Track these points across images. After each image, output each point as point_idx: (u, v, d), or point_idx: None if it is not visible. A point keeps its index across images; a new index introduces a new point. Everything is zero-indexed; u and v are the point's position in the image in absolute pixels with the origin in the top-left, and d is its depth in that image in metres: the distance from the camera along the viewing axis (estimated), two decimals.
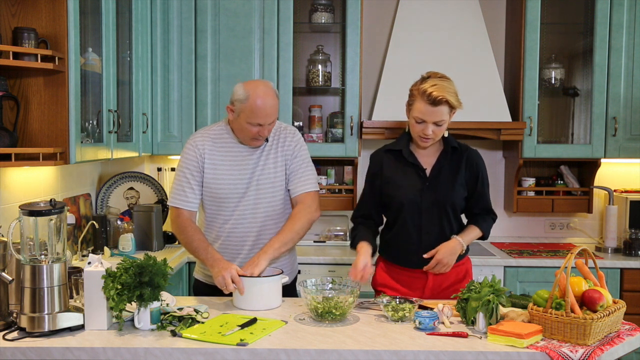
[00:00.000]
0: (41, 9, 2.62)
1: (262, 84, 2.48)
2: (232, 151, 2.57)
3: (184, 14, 3.75)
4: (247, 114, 2.43)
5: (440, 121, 2.45)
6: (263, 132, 2.47)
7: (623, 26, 3.77)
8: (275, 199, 2.59)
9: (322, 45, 4.02)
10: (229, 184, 2.54)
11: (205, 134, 2.60)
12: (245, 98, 2.43)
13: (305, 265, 3.58)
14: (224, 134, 2.59)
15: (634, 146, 3.83)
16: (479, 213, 2.63)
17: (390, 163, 2.60)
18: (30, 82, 2.64)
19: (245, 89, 2.44)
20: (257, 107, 2.41)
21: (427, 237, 2.54)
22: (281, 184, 2.60)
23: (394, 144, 2.63)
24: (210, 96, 3.79)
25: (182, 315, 2.16)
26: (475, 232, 2.60)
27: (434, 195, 2.52)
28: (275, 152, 2.59)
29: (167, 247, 3.69)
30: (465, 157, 2.57)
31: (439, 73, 2.52)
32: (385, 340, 2.00)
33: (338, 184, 4.11)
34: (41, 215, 2.02)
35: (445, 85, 2.45)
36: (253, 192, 2.55)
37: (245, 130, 2.47)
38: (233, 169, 2.55)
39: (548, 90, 4.01)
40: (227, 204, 2.56)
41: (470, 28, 3.89)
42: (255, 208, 2.56)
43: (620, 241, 3.86)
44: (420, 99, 2.44)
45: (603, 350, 1.91)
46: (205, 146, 2.56)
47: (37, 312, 2.00)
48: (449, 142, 2.57)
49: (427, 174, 2.55)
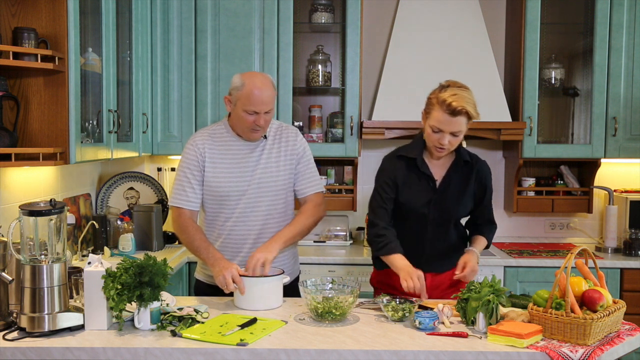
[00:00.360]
0: (41, 9, 2.62)
1: (260, 74, 2.55)
2: (232, 149, 2.57)
3: (184, 14, 3.75)
4: (243, 101, 2.44)
5: (457, 132, 2.39)
6: (259, 121, 2.46)
7: (623, 26, 3.77)
8: (277, 197, 2.59)
9: (322, 45, 4.02)
10: (230, 182, 2.54)
11: (205, 133, 2.61)
12: (241, 85, 2.46)
13: (305, 265, 3.58)
14: (224, 133, 2.59)
15: (634, 146, 3.83)
16: (482, 224, 2.65)
17: (403, 170, 2.54)
18: (30, 82, 2.64)
19: (242, 78, 2.48)
20: (253, 93, 2.43)
21: (430, 246, 2.55)
22: (283, 183, 2.60)
23: (408, 151, 2.55)
24: (210, 96, 3.79)
25: (182, 315, 2.16)
26: (484, 242, 2.64)
27: (441, 208, 2.51)
28: (277, 151, 2.60)
29: (167, 247, 3.69)
30: (475, 171, 2.55)
31: (458, 82, 2.44)
32: (385, 340, 2.00)
33: (338, 184, 4.11)
34: (41, 215, 2.02)
35: (465, 95, 2.38)
36: (254, 191, 2.55)
37: (242, 119, 2.47)
38: (233, 167, 2.55)
39: (548, 90, 4.01)
40: (228, 202, 2.56)
41: (470, 28, 3.89)
42: (256, 206, 2.56)
43: (620, 241, 3.86)
44: (439, 108, 2.37)
45: (603, 350, 1.91)
46: (205, 145, 2.56)
47: (37, 312, 2.00)
48: (462, 156, 2.53)
49: (437, 185, 2.52)
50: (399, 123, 3.72)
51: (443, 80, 2.46)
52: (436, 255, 2.56)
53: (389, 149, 2.85)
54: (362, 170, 4.12)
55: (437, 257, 2.57)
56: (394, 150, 2.63)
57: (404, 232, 2.56)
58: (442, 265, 2.58)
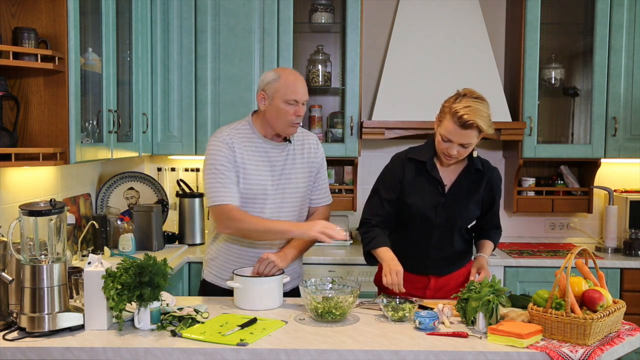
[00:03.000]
0: (41, 9, 2.62)
1: (289, 68, 2.63)
2: (260, 150, 2.50)
3: (184, 14, 3.75)
4: (283, 91, 2.42)
5: (466, 144, 2.35)
6: (300, 111, 2.43)
7: (623, 26, 3.77)
8: (297, 202, 2.56)
9: (322, 45, 4.02)
10: (258, 184, 2.47)
11: (231, 131, 2.50)
12: (277, 77, 2.44)
13: (305, 265, 3.56)
14: (249, 133, 2.52)
15: (634, 146, 3.83)
16: (490, 229, 2.66)
17: (411, 172, 2.51)
18: (30, 82, 2.64)
19: (275, 71, 2.48)
20: (291, 81, 2.43)
21: (435, 251, 2.54)
22: (304, 190, 2.58)
23: (419, 153, 2.52)
24: (210, 96, 3.79)
25: (182, 315, 2.16)
26: (491, 247, 2.65)
27: (448, 213, 2.50)
28: (301, 157, 2.57)
29: (167, 247, 3.69)
30: (486, 178, 2.53)
31: (475, 92, 2.37)
32: (385, 340, 2.00)
33: (338, 184, 4.11)
34: (41, 215, 2.02)
35: (479, 108, 2.32)
36: (279, 194, 2.50)
37: (282, 112, 2.42)
38: (261, 168, 2.48)
39: (548, 90, 4.01)
40: (254, 204, 2.47)
41: (470, 28, 3.89)
42: (281, 210, 2.51)
43: (620, 241, 3.86)
44: (451, 119, 2.32)
45: (603, 350, 1.91)
46: (235, 142, 2.47)
47: (37, 312, 2.00)
48: (474, 164, 2.51)
49: (446, 190, 2.50)
50: (399, 123, 3.71)
51: (461, 89, 2.40)
52: (441, 259, 2.56)
53: (389, 149, 2.87)
54: (362, 170, 4.12)
55: (442, 261, 2.56)
56: (404, 151, 2.59)
57: (410, 236, 2.55)
58: (447, 269, 2.58)
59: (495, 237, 2.67)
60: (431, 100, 2.52)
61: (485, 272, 2.50)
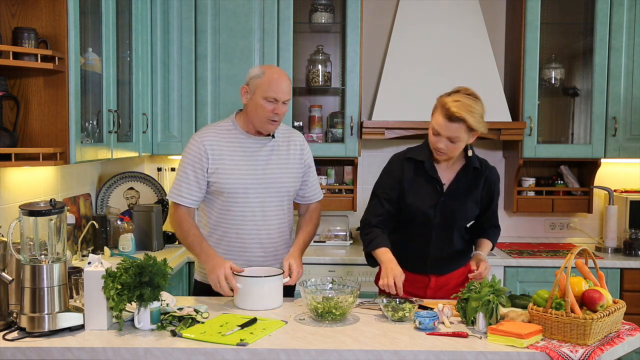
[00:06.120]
0: (41, 9, 2.62)
1: (276, 67, 2.69)
2: (241, 145, 2.56)
3: (184, 14, 3.75)
4: (264, 88, 2.46)
5: (454, 138, 2.37)
6: (278, 110, 2.48)
7: (623, 26, 3.77)
8: (283, 198, 2.59)
9: (322, 45, 4.02)
10: (238, 178, 2.52)
11: (210, 129, 2.60)
12: (261, 74, 2.49)
13: (305, 265, 3.55)
14: (231, 129, 2.58)
15: (634, 146, 3.83)
16: (488, 228, 2.67)
17: (410, 171, 2.53)
18: (30, 82, 2.64)
19: (261, 68, 2.54)
20: (274, 79, 2.47)
21: (434, 250, 2.54)
22: (291, 186, 2.61)
23: (417, 153, 2.54)
24: (210, 96, 3.79)
25: (182, 315, 2.16)
26: (489, 245, 2.66)
27: (447, 212, 2.50)
28: (286, 153, 2.61)
29: (167, 247, 3.69)
30: (484, 177, 2.55)
31: (469, 89, 2.41)
32: (385, 340, 2.00)
33: (338, 184, 4.11)
34: (41, 215, 2.02)
35: (469, 104, 2.34)
36: (263, 189, 2.54)
37: (260, 108, 2.47)
38: (242, 163, 2.53)
39: (548, 90, 4.01)
40: (236, 199, 2.53)
41: (470, 28, 3.89)
42: (264, 205, 2.55)
43: (620, 241, 3.86)
44: (439, 111, 2.38)
45: (603, 350, 1.91)
46: (211, 140, 2.54)
47: (37, 312, 2.00)
48: (472, 162, 2.52)
49: (445, 189, 2.51)
50: (399, 123, 3.71)
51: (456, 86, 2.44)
52: (441, 258, 2.56)
53: (389, 149, 2.86)
54: (362, 170, 4.12)
55: (442, 260, 2.56)
56: (402, 151, 2.60)
57: (409, 235, 2.56)
58: (447, 268, 2.59)
59: (494, 237, 2.68)
60: (431, 100, 2.52)
61: (485, 263, 2.50)
